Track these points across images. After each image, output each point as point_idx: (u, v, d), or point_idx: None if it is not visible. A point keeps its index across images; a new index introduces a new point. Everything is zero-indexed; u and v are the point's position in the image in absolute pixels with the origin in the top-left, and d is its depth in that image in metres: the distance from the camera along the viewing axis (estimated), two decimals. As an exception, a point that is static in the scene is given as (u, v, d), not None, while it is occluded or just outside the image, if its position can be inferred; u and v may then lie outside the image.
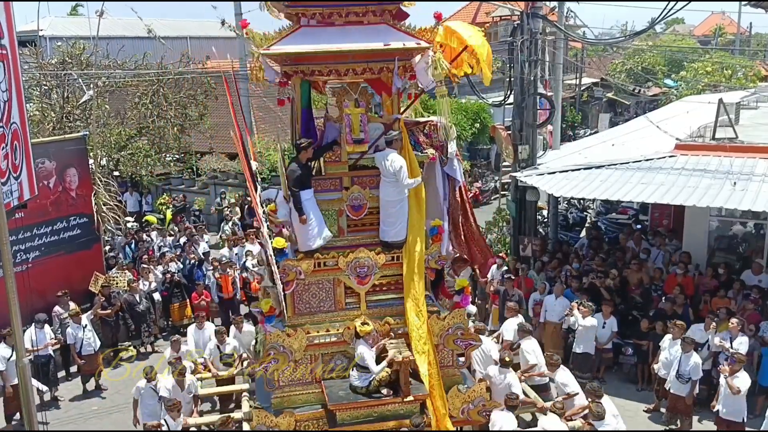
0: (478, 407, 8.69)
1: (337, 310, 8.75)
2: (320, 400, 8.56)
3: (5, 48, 5.92)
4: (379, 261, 8.68)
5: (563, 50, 22.98)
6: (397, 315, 8.80)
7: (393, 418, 8.36)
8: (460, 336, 8.74)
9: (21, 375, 6.22)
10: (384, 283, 8.89)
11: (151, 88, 22.96)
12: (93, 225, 14.83)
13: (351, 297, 8.81)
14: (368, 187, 8.78)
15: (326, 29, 8.31)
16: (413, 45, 8.26)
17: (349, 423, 8.32)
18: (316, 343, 8.55)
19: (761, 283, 12.43)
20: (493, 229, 18.05)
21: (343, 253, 8.59)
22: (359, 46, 8.18)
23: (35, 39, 22.51)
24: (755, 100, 20.26)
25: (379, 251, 8.69)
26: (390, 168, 8.44)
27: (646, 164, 13.57)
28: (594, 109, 41.16)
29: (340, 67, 8.35)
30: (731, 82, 32.36)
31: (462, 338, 8.75)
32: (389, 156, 8.53)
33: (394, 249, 8.73)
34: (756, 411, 10.29)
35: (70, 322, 12.53)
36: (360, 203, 8.76)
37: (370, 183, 8.81)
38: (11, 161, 6.03)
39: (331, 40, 8.16)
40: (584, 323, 11.78)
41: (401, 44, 8.25)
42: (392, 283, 8.91)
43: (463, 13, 40.34)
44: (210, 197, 24.12)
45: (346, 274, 8.61)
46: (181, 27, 41.64)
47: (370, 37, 8.34)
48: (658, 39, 48.80)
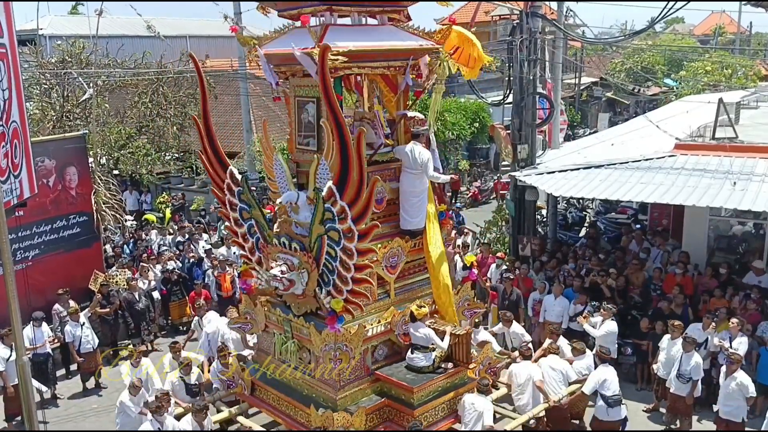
0: (486, 366, 9.66)
1: (373, 301, 9.08)
2: (376, 390, 9.03)
3: (5, 47, 5.93)
4: (407, 249, 9.27)
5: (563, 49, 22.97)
6: (417, 298, 9.55)
7: (453, 389, 9.19)
8: (467, 307, 9.96)
9: (21, 373, 6.22)
10: (405, 269, 9.52)
11: (150, 87, 23.03)
12: (93, 223, 14.83)
13: (380, 287, 9.25)
14: (387, 180, 9.28)
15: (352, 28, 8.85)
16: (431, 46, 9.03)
17: (423, 402, 8.81)
18: (368, 336, 8.92)
19: (761, 283, 12.43)
20: (492, 228, 18.06)
21: (382, 244, 8.98)
22: (401, 45, 8.83)
23: (35, 38, 22.52)
24: (755, 100, 20.25)
25: (407, 239, 9.28)
26: (418, 159, 9.09)
27: (646, 164, 13.56)
28: (593, 108, 41.16)
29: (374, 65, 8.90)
30: (731, 82, 32.36)
31: (469, 308, 10.02)
32: (416, 148, 9.15)
33: (417, 236, 9.40)
34: (756, 411, 10.27)
35: (69, 320, 12.56)
36: (382, 196, 9.18)
37: (388, 176, 9.35)
38: (11, 160, 6.04)
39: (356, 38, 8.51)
40: (607, 328, 11.35)
41: (431, 44, 9.02)
42: (411, 269, 9.64)
43: (462, 12, 40.35)
44: (209, 196, 24.11)
45: (382, 265, 9.02)
46: (181, 26, 41.63)
47: (391, 36, 8.91)
48: (657, 38, 48.80)
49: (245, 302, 9.88)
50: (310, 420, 8.70)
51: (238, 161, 22.75)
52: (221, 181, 9.57)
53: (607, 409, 9.73)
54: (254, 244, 9.58)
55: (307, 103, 9.00)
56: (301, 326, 8.94)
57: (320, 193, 8.22)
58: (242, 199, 9.40)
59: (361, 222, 8.12)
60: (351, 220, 8.05)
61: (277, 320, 9.46)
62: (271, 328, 9.67)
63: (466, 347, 9.24)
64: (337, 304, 8.40)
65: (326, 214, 8.27)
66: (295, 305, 9.06)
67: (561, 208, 20.17)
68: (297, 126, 9.25)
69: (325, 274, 8.55)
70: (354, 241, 8.10)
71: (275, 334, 9.56)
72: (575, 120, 37.63)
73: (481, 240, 17.64)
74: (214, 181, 9.83)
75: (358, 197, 8.06)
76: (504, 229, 17.68)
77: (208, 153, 9.62)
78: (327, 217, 8.28)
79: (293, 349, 9.19)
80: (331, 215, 8.20)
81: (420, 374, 8.96)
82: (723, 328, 10.92)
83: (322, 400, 8.82)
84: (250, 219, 9.46)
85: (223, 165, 9.56)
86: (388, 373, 9.02)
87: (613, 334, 11.40)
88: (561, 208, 20.17)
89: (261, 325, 9.72)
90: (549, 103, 16.34)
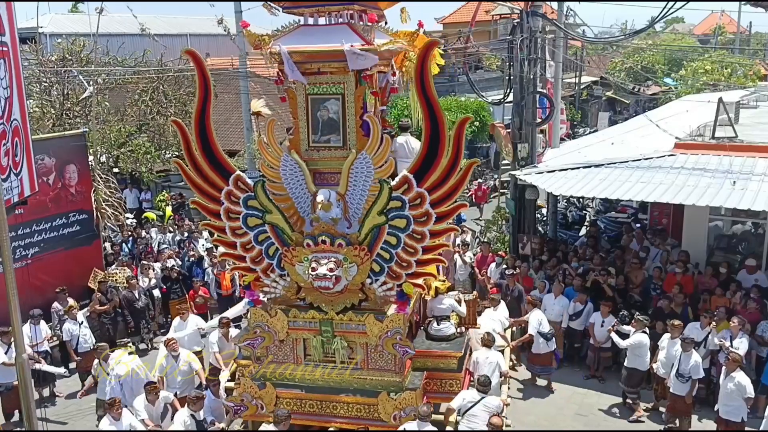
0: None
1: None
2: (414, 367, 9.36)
3: (6, 45, 5.93)
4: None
5: (563, 49, 22.97)
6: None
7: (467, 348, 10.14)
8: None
9: (20, 371, 6.22)
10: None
11: (150, 85, 23.02)
12: (92, 221, 14.84)
13: None
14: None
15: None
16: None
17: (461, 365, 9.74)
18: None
19: (759, 282, 12.44)
20: (492, 227, 18.07)
21: None
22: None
23: (35, 36, 22.51)
24: (755, 99, 20.27)
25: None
26: (414, 148, 9.55)
27: (646, 163, 13.57)
28: (593, 107, 41.18)
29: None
30: (731, 81, 32.36)
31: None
32: (409, 139, 9.75)
33: None
34: (758, 411, 10.26)
35: (67, 318, 12.57)
36: None
37: None
38: (12, 158, 6.04)
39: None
40: (637, 339, 11.07)
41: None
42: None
43: (462, 11, 40.36)
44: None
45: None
46: (182, 24, 41.63)
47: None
48: (657, 38, 48.81)
49: (254, 316, 9.32)
50: (379, 410, 8.90)
51: (239, 159, 22.74)
52: (215, 190, 8.99)
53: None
54: (262, 251, 9.10)
55: (326, 101, 8.90)
56: (350, 321, 8.99)
57: (387, 183, 8.42)
58: (250, 206, 8.92)
59: (445, 204, 8.41)
60: (429, 204, 8.36)
61: (308, 323, 9.19)
62: (296, 333, 9.28)
63: (472, 311, 10.97)
64: (409, 288, 8.77)
65: (393, 203, 8.48)
66: (329, 303, 9.01)
67: (561, 207, 20.18)
68: (310, 124, 9.14)
69: (377, 264, 8.73)
70: (429, 224, 8.44)
71: (310, 338, 9.25)
72: (575, 119, 37.63)
73: (481, 239, 17.66)
74: (201, 191, 9.09)
75: (445, 180, 8.33)
76: (504, 227, 17.70)
77: (196, 160, 8.96)
78: (394, 206, 8.49)
79: (341, 346, 9.14)
80: (400, 203, 8.46)
81: (448, 341, 9.76)
82: (723, 328, 10.93)
83: (390, 386, 8.97)
84: (260, 225, 8.96)
85: (224, 171, 8.96)
86: (425, 346, 9.70)
87: (643, 346, 11.09)
88: (561, 207, 20.18)
89: (280, 335, 9.23)
90: (549, 102, 16.36)
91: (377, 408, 8.91)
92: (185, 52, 8.98)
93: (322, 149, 9.02)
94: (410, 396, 8.78)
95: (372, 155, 8.49)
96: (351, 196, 8.78)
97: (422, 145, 8.40)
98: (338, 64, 8.50)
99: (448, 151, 8.27)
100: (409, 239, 8.57)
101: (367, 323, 8.84)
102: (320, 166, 8.98)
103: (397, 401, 8.81)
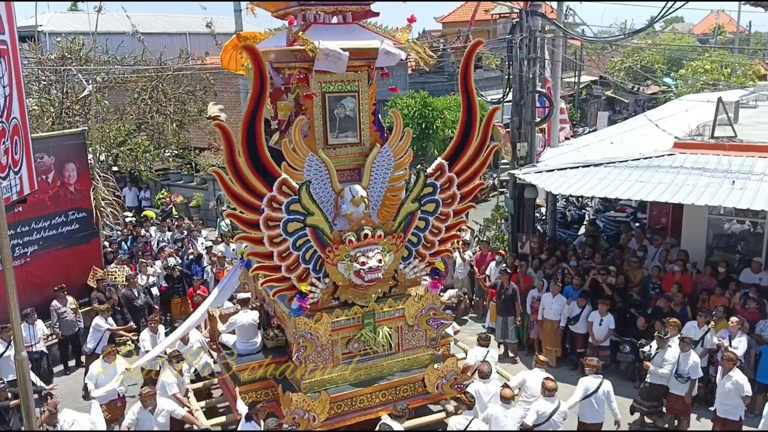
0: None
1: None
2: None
3: (6, 43, 5.91)
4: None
5: (562, 48, 22.97)
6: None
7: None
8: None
9: (20, 369, 6.21)
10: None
11: (150, 84, 23.00)
12: (92, 219, 14.83)
13: None
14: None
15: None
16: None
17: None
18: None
19: (762, 281, 12.44)
20: (491, 226, 18.07)
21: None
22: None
23: (35, 34, 22.49)
24: (754, 99, 20.28)
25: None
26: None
27: (645, 162, 13.58)
28: (593, 107, 41.15)
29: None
30: (730, 81, 32.38)
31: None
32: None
33: None
34: (756, 410, 10.27)
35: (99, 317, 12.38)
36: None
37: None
38: (11, 156, 6.02)
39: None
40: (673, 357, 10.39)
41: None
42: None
43: (462, 11, 40.36)
44: (208, 193, 24.12)
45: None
46: (182, 23, 41.58)
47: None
48: (657, 37, 48.83)
49: (299, 325, 8.91)
50: (425, 383, 9.61)
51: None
52: (257, 198, 8.40)
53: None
54: (299, 257, 8.82)
55: (343, 98, 9.06)
56: (389, 308, 9.49)
57: (424, 171, 9.22)
58: (292, 210, 8.56)
59: (469, 185, 9.59)
60: (456, 186, 9.42)
61: (350, 320, 9.27)
62: (336, 334, 9.24)
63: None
64: (440, 264, 9.79)
65: (426, 189, 9.28)
66: (363, 297, 9.25)
67: (560, 206, 20.19)
68: (327, 122, 9.08)
69: (407, 248, 9.42)
70: (454, 204, 9.52)
71: (352, 335, 9.32)
72: (575, 118, 37.63)
73: (480, 237, 17.66)
74: (240, 201, 8.37)
75: (472, 162, 9.51)
76: (503, 226, 17.70)
77: (239, 167, 8.23)
78: (427, 191, 9.28)
79: (387, 333, 9.47)
80: (432, 189, 9.31)
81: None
82: (722, 327, 10.94)
83: (427, 360, 9.78)
84: (300, 230, 8.70)
85: (269, 177, 8.41)
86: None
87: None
88: (560, 206, 20.19)
89: (323, 339, 9.08)
90: (548, 102, 16.35)
91: (422, 383, 9.61)
92: (244, 48, 8.16)
93: (339, 147, 9.18)
94: (452, 362, 9.76)
95: (393, 148, 9.22)
96: (372, 189, 9.22)
97: (457, 131, 9.44)
98: (359, 62, 8.89)
99: (478, 134, 9.41)
100: (436, 221, 9.48)
101: (405, 306, 9.52)
102: (335, 163, 9.10)
103: (440, 370, 9.60)
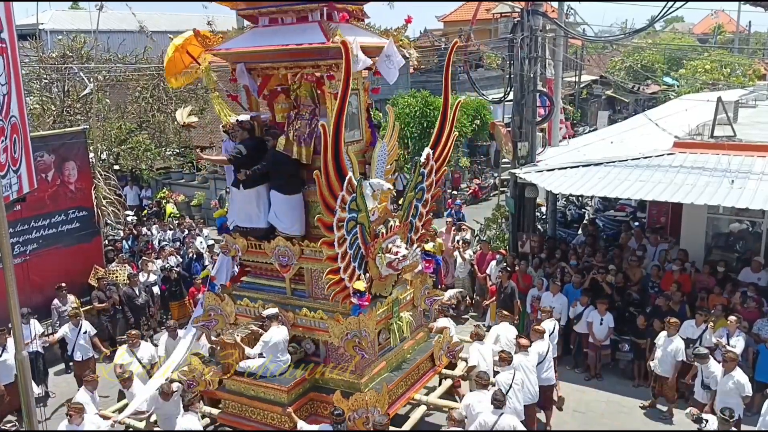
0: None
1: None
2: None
3: (5, 42, 5.92)
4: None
5: (563, 47, 22.95)
6: None
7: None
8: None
9: (20, 369, 6.22)
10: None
11: (151, 83, 23.00)
12: (93, 218, 14.83)
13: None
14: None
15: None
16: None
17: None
18: None
19: (760, 281, 12.45)
20: (492, 225, 18.07)
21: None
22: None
23: (36, 32, 22.52)
24: (754, 99, 20.26)
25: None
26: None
27: (645, 162, 13.58)
28: (593, 106, 41.12)
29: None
30: (730, 81, 32.36)
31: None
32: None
33: None
34: (754, 408, 10.28)
35: (69, 324, 12.25)
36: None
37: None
38: (10, 155, 6.04)
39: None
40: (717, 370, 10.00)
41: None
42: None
43: (463, 10, 40.33)
44: (210, 192, 24.14)
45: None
46: (184, 21, 41.55)
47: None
48: (657, 37, 48.80)
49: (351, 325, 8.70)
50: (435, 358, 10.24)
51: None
52: (334, 200, 8.27)
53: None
54: (352, 255, 8.75)
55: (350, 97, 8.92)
56: (407, 292, 10.02)
57: (418, 161, 9.71)
58: (351, 209, 8.48)
59: (441, 169, 10.20)
60: (435, 172, 10.00)
61: (384, 313, 9.43)
62: (378, 326, 9.28)
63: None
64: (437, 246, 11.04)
65: (419, 178, 9.75)
66: (383, 287, 9.45)
67: (560, 205, 20.19)
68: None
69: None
70: (432, 190, 10.12)
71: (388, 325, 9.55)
72: (575, 118, 37.62)
73: (480, 237, 17.67)
74: (328, 205, 8.22)
75: (444, 149, 10.15)
76: (504, 226, 17.71)
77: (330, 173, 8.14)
78: (418, 180, 9.75)
79: (410, 319, 9.91)
80: (421, 177, 9.79)
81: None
82: (720, 326, 10.95)
83: (426, 336, 10.58)
84: (354, 228, 8.63)
85: (342, 174, 8.31)
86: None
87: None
88: (560, 205, 20.19)
89: (371, 334, 8.95)
90: (549, 101, 16.35)
91: (433, 357, 10.23)
92: (340, 43, 7.96)
93: (349, 144, 9.20)
94: (446, 334, 10.54)
95: (388, 143, 9.77)
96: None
97: (437, 122, 10.13)
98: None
99: (448, 124, 10.11)
100: (422, 207, 10.04)
101: (413, 290, 10.11)
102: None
103: (440, 342, 10.29)
